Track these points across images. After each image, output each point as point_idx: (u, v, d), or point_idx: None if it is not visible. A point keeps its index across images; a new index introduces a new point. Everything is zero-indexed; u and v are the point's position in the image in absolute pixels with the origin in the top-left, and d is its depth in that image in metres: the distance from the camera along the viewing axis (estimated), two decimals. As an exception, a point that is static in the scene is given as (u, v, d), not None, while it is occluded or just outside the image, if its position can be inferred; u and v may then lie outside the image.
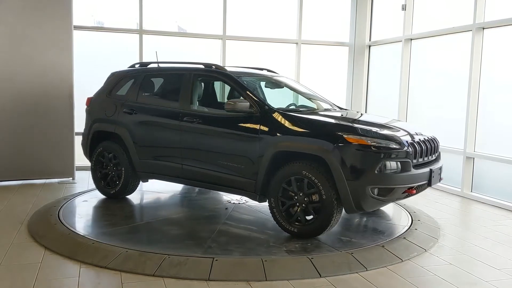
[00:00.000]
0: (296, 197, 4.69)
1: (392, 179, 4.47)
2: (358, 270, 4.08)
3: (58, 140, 7.42)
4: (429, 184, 4.83)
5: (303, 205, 4.65)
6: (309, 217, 4.69)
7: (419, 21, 8.39)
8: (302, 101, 6.17)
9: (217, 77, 5.66)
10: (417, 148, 4.70)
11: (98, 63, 8.71)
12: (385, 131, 4.75)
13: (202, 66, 5.82)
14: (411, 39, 8.48)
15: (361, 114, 5.89)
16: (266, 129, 4.87)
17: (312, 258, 4.18)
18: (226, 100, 6.11)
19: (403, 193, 4.59)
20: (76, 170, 7.68)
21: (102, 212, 5.79)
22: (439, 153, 5.31)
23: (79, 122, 7.82)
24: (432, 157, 5.02)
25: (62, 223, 5.09)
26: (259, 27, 9.46)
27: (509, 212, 6.21)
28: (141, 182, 6.31)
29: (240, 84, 5.34)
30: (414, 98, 8.48)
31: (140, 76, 6.21)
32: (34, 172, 7.37)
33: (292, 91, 6.36)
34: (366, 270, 4.09)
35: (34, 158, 7.31)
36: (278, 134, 4.81)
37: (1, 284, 3.66)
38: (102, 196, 6.45)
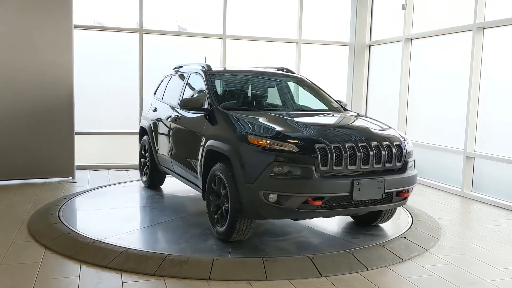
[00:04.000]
0: (220, 198, 4.60)
1: (285, 185, 4.04)
2: (358, 270, 4.07)
3: (58, 139, 7.41)
4: (351, 197, 4.16)
5: (222, 207, 4.55)
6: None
7: (420, 21, 8.39)
8: (307, 101, 6.09)
9: (200, 74, 5.73)
10: (331, 154, 4.12)
11: (98, 63, 8.72)
12: (297, 133, 4.33)
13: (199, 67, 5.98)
14: (411, 39, 8.48)
15: (354, 118, 5.21)
16: (209, 126, 4.90)
17: (312, 258, 4.18)
18: None
19: (304, 203, 4.07)
20: (76, 169, 7.68)
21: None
22: (404, 165, 4.52)
23: (79, 122, 7.84)
24: (372, 167, 4.30)
25: (63, 222, 5.08)
26: (260, 27, 9.45)
27: (509, 212, 6.20)
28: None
29: (207, 81, 5.44)
30: (415, 98, 8.47)
31: (168, 77, 6.78)
32: (34, 171, 7.35)
33: (292, 91, 6.32)
34: (367, 270, 4.08)
35: (34, 157, 7.29)
36: (212, 133, 4.80)
37: (1, 283, 3.66)
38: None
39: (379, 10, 9.59)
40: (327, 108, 5.71)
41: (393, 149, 4.42)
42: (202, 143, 4.91)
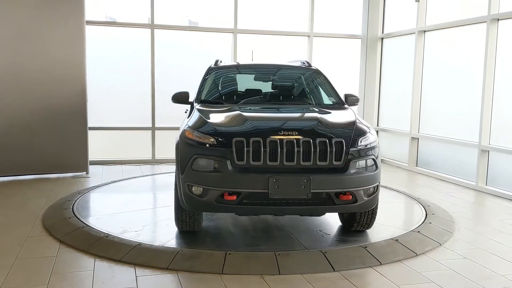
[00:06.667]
0: None
1: (202, 178, 4.07)
2: (372, 264, 4.05)
3: (72, 134, 7.47)
4: (270, 194, 3.97)
5: None
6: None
7: (433, 13, 8.29)
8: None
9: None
10: (248, 148, 4.00)
11: (110, 58, 8.76)
12: (224, 128, 4.29)
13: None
14: (424, 31, 8.38)
15: (316, 113, 4.76)
16: (186, 119, 4.95)
17: (325, 252, 4.17)
18: None
19: (221, 197, 4.04)
20: (90, 164, 7.74)
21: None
22: (346, 164, 4.13)
23: (92, 117, 7.89)
24: (299, 164, 4.05)
25: (77, 217, 5.13)
26: (271, 20, 9.41)
27: (524, 206, 6.13)
28: None
29: (203, 76, 5.64)
30: (428, 91, 8.38)
31: None
32: (48, 166, 7.42)
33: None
34: (380, 264, 4.06)
35: (48, 152, 7.36)
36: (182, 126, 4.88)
37: (17, 277, 3.70)
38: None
39: (392, 2, 9.49)
40: (314, 103, 5.50)
41: (329, 147, 4.09)
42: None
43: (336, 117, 4.82)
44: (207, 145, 4.12)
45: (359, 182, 4.16)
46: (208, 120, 4.46)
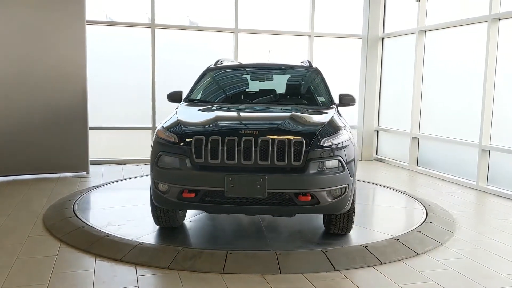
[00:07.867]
0: None
1: (165, 175, 4.16)
2: (372, 264, 4.05)
3: (72, 134, 7.46)
4: (226, 193, 3.97)
5: None
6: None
7: (434, 13, 8.29)
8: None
9: None
10: (206, 146, 4.03)
11: (111, 58, 8.76)
12: (188, 127, 4.33)
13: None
14: (425, 31, 8.38)
15: (288, 113, 4.62)
16: None
17: (326, 252, 4.16)
18: None
19: (181, 194, 4.10)
20: (90, 164, 7.74)
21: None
22: (306, 164, 4.02)
23: (93, 117, 7.89)
24: (256, 163, 4.00)
25: (77, 216, 5.13)
26: (272, 20, 9.41)
27: (525, 205, 6.13)
28: None
29: (199, 75, 5.80)
30: (429, 91, 8.38)
31: None
32: (48, 166, 7.42)
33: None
34: (381, 264, 4.06)
35: (48, 152, 7.36)
36: None
37: (18, 277, 3.70)
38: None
39: (392, 2, 9.49)
40: (305, 103, 5.45)
41: (288, 146, 4.01)
42: None
43: (311, 117, 4.78)
44: (171, 144, 4.20)
45: (319, 183, 4.02)
46: (181, 119, 4.52)
